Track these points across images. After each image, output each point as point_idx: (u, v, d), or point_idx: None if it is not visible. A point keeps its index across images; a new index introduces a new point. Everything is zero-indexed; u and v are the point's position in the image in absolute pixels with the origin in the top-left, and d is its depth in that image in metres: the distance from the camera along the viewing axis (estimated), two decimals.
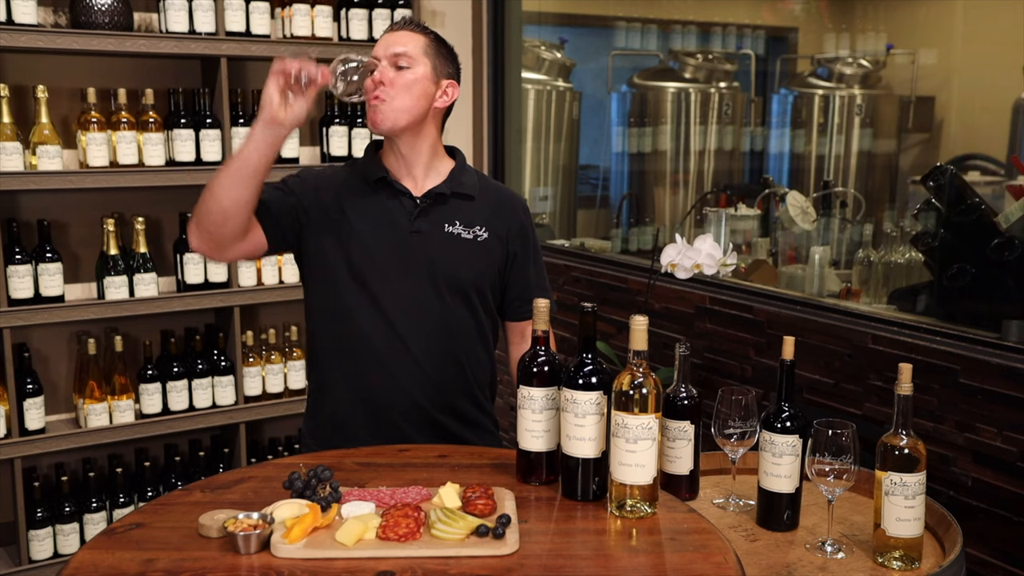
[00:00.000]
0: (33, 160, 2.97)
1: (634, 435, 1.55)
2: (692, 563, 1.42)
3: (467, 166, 2.08)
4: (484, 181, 2.11)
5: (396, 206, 1.98)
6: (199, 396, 3.26)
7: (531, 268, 2.11)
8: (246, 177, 1.76)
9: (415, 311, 1.96)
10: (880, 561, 1.67)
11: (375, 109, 1.93)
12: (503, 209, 2.07)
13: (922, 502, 1.64)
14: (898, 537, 1.65)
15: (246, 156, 1.76)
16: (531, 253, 2.11)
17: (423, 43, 1.96)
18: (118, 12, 3.01)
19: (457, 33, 3.89)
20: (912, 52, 4.21)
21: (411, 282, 1.96)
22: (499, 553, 1.42)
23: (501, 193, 2.12)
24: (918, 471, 1.63)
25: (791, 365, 1.78)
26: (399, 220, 1.97)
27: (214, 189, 1.78)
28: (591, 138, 4.58)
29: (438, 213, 1.99)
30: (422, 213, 1.98)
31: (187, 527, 1.51)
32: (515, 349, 2.16)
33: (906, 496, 1.62)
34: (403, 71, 1.93)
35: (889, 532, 1.65)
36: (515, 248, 2.07)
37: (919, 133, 4.25)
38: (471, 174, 2.07)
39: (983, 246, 2.41)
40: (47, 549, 3.06)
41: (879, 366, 2.41)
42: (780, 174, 4.46)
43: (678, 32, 4.64)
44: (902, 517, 1.63)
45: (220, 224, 1.80)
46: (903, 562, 1.65)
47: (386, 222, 1.97)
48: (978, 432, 2.20)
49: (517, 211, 2.10)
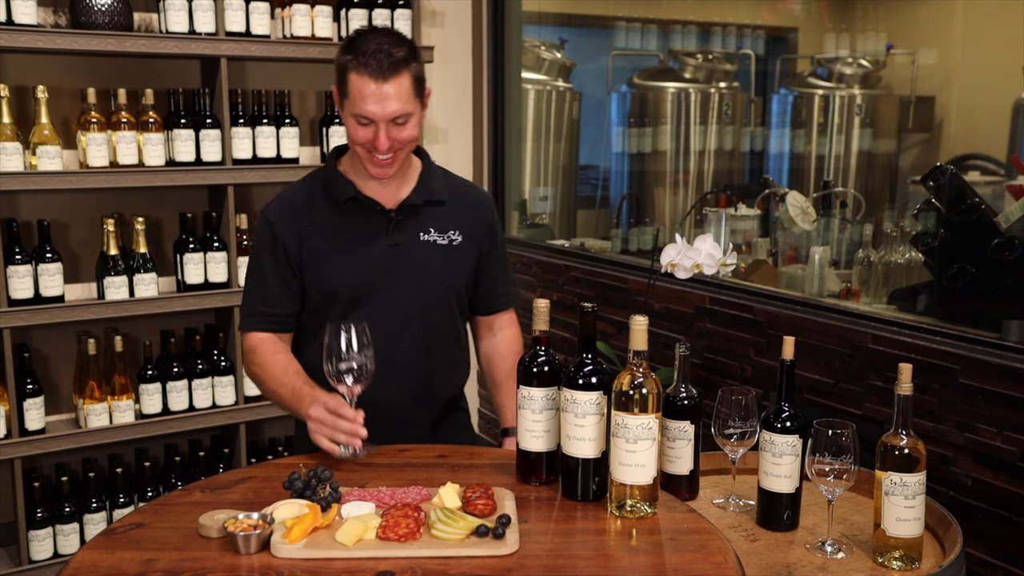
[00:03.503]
0: (33, 160, 2.97)
1: (634, 435, 1.55)
2: (692, 563, 1.42)
3: (433, 167, 2.07)
4: (451, 181, 2.10)
5: (371, 223, 1.97)
6: (199, 396, 3.26)
7: (498, 263, 2.14)
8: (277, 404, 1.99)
9: (400, 322, 1.97)
10: (880, 561, 1.67)
11: (387, 166, 1.90)
12: (473, 211, 2.08)
13: (922, 502, 1.64)
14: (898, 537, 1.65)
15: (285, 406, 1.94)
16: (499, 248, 2.14)
17: (409, 85, 1.85)
18: (118, 12, 3.01)
19: (457, 33, 3.88)
20: (912, 52, 4.20)
21: (395, 294, 1.97)
22: (499, 553, 1.42)
23: (469, 193, 2.12)
24: (918, 471, 1.63)
25: (791, 365, 1.78)
26: (376, 236, 1.97)
27: (257, 383, 2.02)
28: (591, 138, 4.57)
29: (412, 223, 1.99)
30: (397, 226, 1.98)
31: (187, 527, 1.51)
32: (484, 343, 2.20)
33: (906, 496, 1.62)
34: (403, 125, 1.87)
35: (889, 532, 1.65)
36: (486, 247, 2.10)
37: (919, 133, 4.25)
38: (438, 176, 2.06)
39: (983, 246, 2.41)
40: (47, 549, 3.06)
41: (879, 366, 2.41)
42: (780, 174, 4.46)
43: (678, 32, 4.64)
44: (902, 517, 1.63)
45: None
46: (903, 562, 1.65)
47: (363, 239, 1.97)
48: (978, 432, 2.20)
49: (486, 210, 2.12)
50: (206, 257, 3.23)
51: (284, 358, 1.98)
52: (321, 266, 1.96)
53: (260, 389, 2.02)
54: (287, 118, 3.33)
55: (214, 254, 3.24)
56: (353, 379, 1.73)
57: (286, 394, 1.91)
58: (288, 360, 1.98)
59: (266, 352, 1.99)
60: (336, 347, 1.72)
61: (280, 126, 3.31)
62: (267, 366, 1.97)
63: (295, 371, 1.94)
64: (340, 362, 1.72)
